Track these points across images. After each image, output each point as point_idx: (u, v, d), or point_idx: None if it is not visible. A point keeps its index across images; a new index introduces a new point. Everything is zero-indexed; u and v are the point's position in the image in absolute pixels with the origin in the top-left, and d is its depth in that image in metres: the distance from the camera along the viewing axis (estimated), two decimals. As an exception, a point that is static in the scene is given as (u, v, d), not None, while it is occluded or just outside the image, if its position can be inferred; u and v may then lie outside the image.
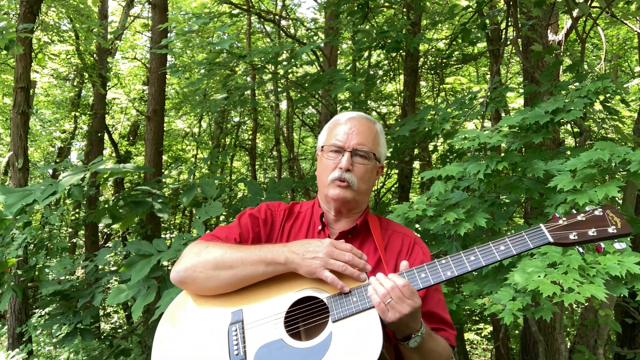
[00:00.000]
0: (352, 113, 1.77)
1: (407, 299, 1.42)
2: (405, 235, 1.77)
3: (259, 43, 11.29)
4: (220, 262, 1.54)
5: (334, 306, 1.49)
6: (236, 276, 1.54)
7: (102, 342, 6.13)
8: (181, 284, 1.61)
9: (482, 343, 10.59)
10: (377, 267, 1.64)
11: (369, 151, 1.68)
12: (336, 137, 1.70)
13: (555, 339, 4.32)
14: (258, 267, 1.53)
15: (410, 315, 1.42)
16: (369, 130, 1.71)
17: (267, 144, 13.23)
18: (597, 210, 1.49)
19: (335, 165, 1.67)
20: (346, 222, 1.75)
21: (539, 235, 1.48)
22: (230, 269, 1.54)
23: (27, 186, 4.01)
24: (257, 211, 1.78)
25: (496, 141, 2.76)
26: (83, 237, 11.39)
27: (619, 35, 8.76)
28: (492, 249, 1.49)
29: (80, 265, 5.30)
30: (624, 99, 3.55)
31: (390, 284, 1.43)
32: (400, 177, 6.73)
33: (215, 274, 1.54)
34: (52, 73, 12.14)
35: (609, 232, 1.44)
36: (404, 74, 6.82)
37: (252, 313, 1.54)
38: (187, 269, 1.58)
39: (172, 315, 1.63)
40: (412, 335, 1.47)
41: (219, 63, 4.68)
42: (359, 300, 1.47)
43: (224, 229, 1.74)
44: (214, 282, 1.56)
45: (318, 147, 1.79)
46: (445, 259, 1.51)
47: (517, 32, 4.37)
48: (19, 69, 6.01)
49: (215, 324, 1.55)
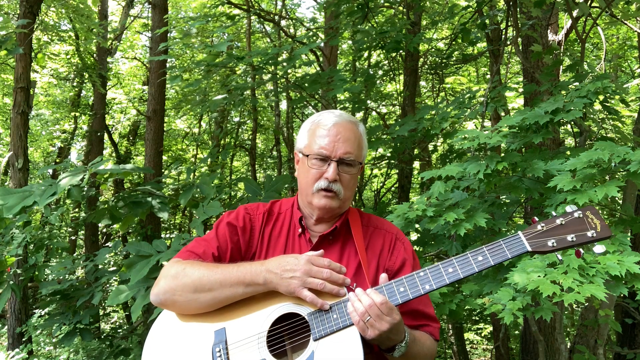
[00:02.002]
0: (335, 115, 1.70)
1: (385, 316, 1.42)
2: (387, 232, 1.75)
3: (259, 43, 11.30)
4: (198, 285, 1.52)
5: (314, 324, 1.48)
6: (216, 299, 1.53)
7: (102, 342, 6.13)
8: (162, 305, 1.60)
9: (482, 343, 10.59)
10: (357, 272, 1.64)
11: (355, 159, 1.66)
12: (321, 145, 1.64)
13: (555, 339, 4.32)
14: (237, 289, 1.51)
15: (390, 331, 1.43)
16: (354, 136, 1.67)
17: (267, 144, 13.23)
18: (576, 212, 1.46)
19: (320, 174, 1.64)
20: (326, 225, 1.72)
21: (517, 244, 1.46)
22: (209, 291, 1.52)
23: (27, 186, 4.01)
24: (235, 218, 1.73)
25: (496, 141, 2.75)
26: (83, 237, 11.40)
27: (619, 35, 8.76)
28: (470, 259, 1.48)
29: (80, 265, 5.31)
30: (623, 99, 3.55)
31: (368, 302, 1.43)
32: (400, 177, 6.73)
33: (194, 297, 1.53)
34: (52, 73, 12.14)
35: (588, 237, 1.42)
36: (403, 74, 6.81)
37: (235, 332, 1.53)
38: (166, 292, 1.55)
39: (156, 337, 1.61)
40: (395, 346, 1.48)
41: (218, 64, 4.68)
42: (339, 317, 1.48)
43: (202, 242, 1.69)
44: (195, 304, 1.54)
45: (298, 148, 1.73)
46: (423, 271, 1.51)
47: (517, 32, 4.37)
48: (19, 69, 6.01)
49: (199, 345, 1.54)
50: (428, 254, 3.62)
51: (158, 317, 1.65)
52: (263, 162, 12.65)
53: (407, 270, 1.67)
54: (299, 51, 4.18)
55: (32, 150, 13.48)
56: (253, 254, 1.70)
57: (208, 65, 4.71)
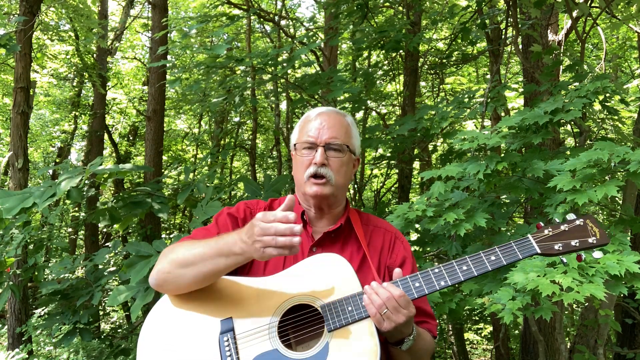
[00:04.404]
0: (322, 108, 1.76)
1: (402, 309, 1.44)
2: (386, 231, 1.77)
3: (259, 43, 11.29)
4: (183, 260, 1.51)
5: (329, 315, 1.49)
6: (201, 272, 1.49)
7: (102, 342, 6.13)
8: (158, 287, 1.59)
9: (482, 343, 10.59)
10: (362, 265, 1.66)
11: (342, 144, 1.67)
12: (307, 133, 1.68)
13: (555, 339, 4.32)
14: (219, 261, 1.47)
15: (405, 324, 1.45)
16: (340, 124, 1.70)
17: (267, 144, 13.23)
18: (578, 220, 1.59)
19: (309, 161, 1.65)
20: (328, 221, 1.73)
21: (528, 246, 1.55)
22: (192, 265, 1.50)
23: (26, 188, 4.01)
24: (235, 211, 1.74)
25: (495, 142, 2.75)
26: (83, 237, 11.39)
27: (619, 35, 8.76)
28: (483, 259, 1.53)
29: (80, 265, 5.31)
30: (623, 99, 3.55)
31: (386, 295, 1.44)
32: (400, 177, 6.73)
33: (181, 272, 1.51)
34: (52, 73, 12.14)
35: (589, 243, 1.55)
36: (403, 74, 6.81)
37: (243, 322, 1.51)
38: (159, 271, 1.56)
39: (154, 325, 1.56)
40: (404, 339, 1.51)
41: (218, 65, 4.68)
42: (355, 310, 1.49)
43: (201, 231, 1.71)
44: (183, 280, 1.52)
45: (291, 146, 1.77)
46: (438, 268, 1.54)
47: (516, 32, 4.36)
48: (19, 69, 6.02)
49: (203, 334, 1.51)
50: (428, 254, 3.62)
51: (155, 305, 1.60)
52: (263, 162, 12.65)
53: (407, 268, 1.70)
54: (298, 51, 4.17)
55: (32, 150, 13.48)
56: None
57: (207, 67, 4.71)
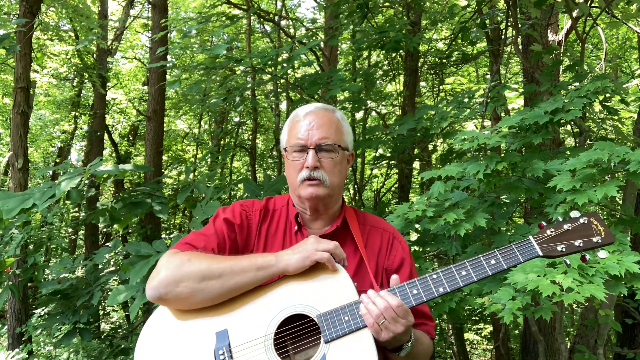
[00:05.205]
0: (310, 106, 1.70)
1: (401, 318, 1.41)
2: (384, 231, 1.74)
3: (259, 43, 11.30)
4: (207, 272, 1.47)
5: (325, 326, 1.45)
6: (224, 286, 1.47)
7: (101, 342, 6.13)
8: (160, 300, 1.50)
9: (482, 343, 10.59)
10: (359, 268, 1.63)
11: (333, 143, 1.62)
12: (297, 135, 1.63)
13: (555, 339, 4.32)
14: (247, 274, 1.48)
15: (403, 333, 1.43)
16: (330, 122, 1.65)
17: (267, 144, 13.23)
18: (582, 218, 1.50)
19: (301, 165, 1.62)
20: (324, 222, 1.71)
21: (529, 248, 1.48)
22: (218, 278, 1.47)
23: (27, 190, 4.00)
24: (231, 215, 1.69)
25: (495, 142, 2.75)
26: (83, 237, 11.40)
27: (619, 35, 8.76)
28: (483, 263, 1.48)
29: (80, 265, 5.31)
30: (623, 99, 3.54)
31: (383, 304, 1.41)
32: (400, 177, 6.73)
33: (201, 286, 1.47)
34: (52, 73, 12.14)
35: (594, 242, 1.47)
36: (403, 74, 6.82)
37: (238, 334, 1.48)
38: (169, 283, 1.47)
39: (149, 339, 1.53)
40: (403, 346, 1.48)
41: (217, 65, 4.68)
42: (351, 320, 1.45)
43: (201, 237, 1.64)
44: (201, 296, 1.48)
45: (282, 148, 1.73)
46: (436, 274, 1.49)
47: (516, 32, 4.36)
48: (19, 69, 6.01)
49: (199, 348, 1.48)
50: (428, 254, 3.62)
51: (150, 317, 1.56)
52: (263, 162, 12.65)
53: (406, 269, 1.66)
54: (298, 51, 4.16)
55: (32, 151, 13.49)
56: (250, 251, 1.67)
57: (207, 67, 4.71)
